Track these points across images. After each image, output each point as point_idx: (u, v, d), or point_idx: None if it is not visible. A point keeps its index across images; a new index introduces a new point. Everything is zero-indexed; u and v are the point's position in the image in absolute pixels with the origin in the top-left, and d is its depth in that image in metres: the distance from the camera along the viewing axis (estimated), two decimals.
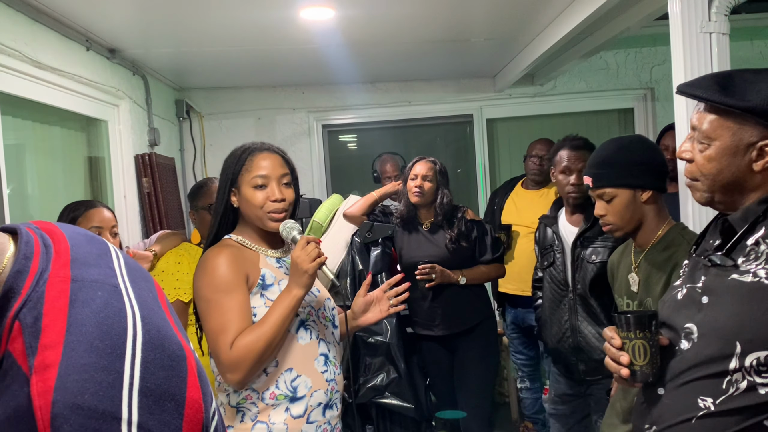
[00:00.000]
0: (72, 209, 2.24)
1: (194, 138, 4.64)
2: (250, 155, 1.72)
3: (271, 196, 1.69)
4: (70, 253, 0.69)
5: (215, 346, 1.57)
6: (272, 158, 1.73)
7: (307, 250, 1.63)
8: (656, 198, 1.92)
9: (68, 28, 2.90)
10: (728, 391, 1.12)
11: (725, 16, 2.05)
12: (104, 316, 0.65)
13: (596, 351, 2.42)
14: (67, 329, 0.63)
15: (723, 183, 1.21)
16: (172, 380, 0.65)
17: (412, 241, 3.04)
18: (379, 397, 2.97)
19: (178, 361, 0.67)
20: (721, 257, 1.19)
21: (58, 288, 0.65)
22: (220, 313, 1.57)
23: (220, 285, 1.59)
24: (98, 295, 0.66)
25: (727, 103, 1.17)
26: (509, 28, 3.54)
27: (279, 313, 1.59)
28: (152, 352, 0.65)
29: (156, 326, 0.68)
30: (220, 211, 1.74)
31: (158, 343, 0.66)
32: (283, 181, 1.73)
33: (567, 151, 2.61)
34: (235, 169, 1.71)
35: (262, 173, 1.70)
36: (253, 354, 1.54)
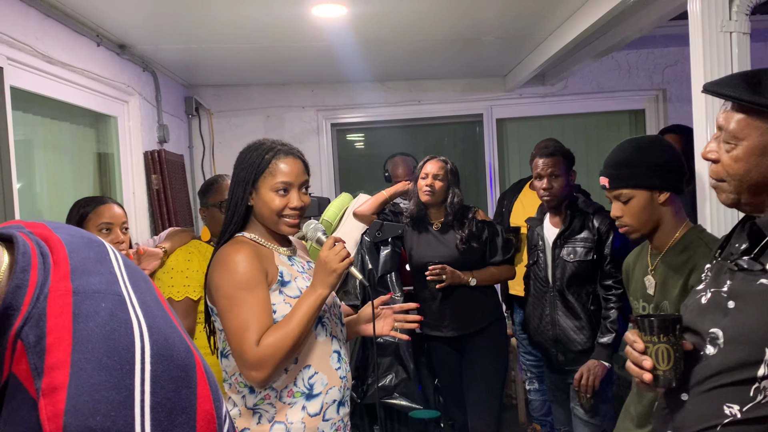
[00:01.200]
0: (82, 205, 2.23)
1: (203, 135, 4.63)
2: (275, 158, 1.69)
3: (291, 203, 1.68)
4: (69, 262, 0.66)
5: (240, 343, 1.54)
6: (296, 164, 1.72)
7: (335, 250, 1.63)
8: (674, 200, 1.89)
9: (79, 23, 2.89)
10: (756, 399, 1.09)
11: (746, 15, 2.02)
12: (110, 329, 0.62)
13: (573, 343, 2.70)
14: (73, 347, 0.60)
15: (750, 184, 1.18)
16: (182, 392, 0.63)
17: (422, 241, 3.01)
18: (388, 397, 2.95)
19: (186, 370, 0.65)
20: (749, 261, 1.16)
21: (60, 302, 0.62)
22: (244, 310, 1.55)
23: (242, 282, 1.57)
24: (102, 306, 0.63)
25: (757, 101, 1.14)
26: (521, 28, 3.51)
27: (305, 311, 1.58)
28: (161, 363, 0.62)
29: (163, 334, 0.66)
30: (241, 209, 1.70)
31: (166, 354, 0.64)
32: (303, 188, 1.73)
33: (538, 159, 2.82)
34: (258, 169, 1.68)
35: (287, 180, 1.68)
36: (281, 352, 1.53)
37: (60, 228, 0.73)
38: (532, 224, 2.96)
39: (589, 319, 2.67)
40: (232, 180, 1.75)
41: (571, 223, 2.73)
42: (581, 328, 2.68)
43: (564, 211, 2.78)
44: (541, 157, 2.80)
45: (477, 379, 2.94)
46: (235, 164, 1.75)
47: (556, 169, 2.75)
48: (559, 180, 2.75)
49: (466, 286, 2.90)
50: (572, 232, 2.73)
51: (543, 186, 2.77)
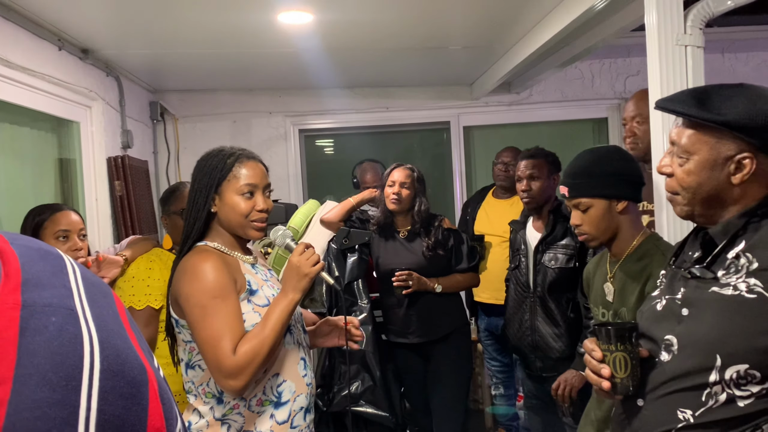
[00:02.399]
0: (38, 213, 2.18)
1: (168, 141, 4.58)
2: (238, 162, 1.68)
3: (257, 206, 1.68)
4: (21, 275, 0.65)
5: (215, 352, 1.52)
6: (259, 167, 1.72)
7: (306, 255, 1.64)
8: (631, 208, 1.93)
9: (40, 27, 2.84)
10: (707, 404, 1.12)
11: (700, 30, 2.07)
12: (58, 344, 0.60)
13: (552, 350, 2.68)
14: (17, 362, 0.58)
15: (703, 196, 1.22)
16: (131, 409, 0.62)
17: (389, 249, 3.02)
18: (354, 405, 2.94)
19: (138, 387, 0.63)
20: (702, 270, 1.20)
21: (7, 316, 0.61)
22: (217, 319, 1.54)
23: (214, 290, 1.56)
24: (52, 321, 0.61)
25: (705, 117, 1.18)
26: (487, 37, 3.56)
27: (278, 316, 1.58)
28: (111, 380, 0.60)
29: (115, 350, 0.64)
30: (201, 215, 1.68)
31: (117, 369, 0.62)
32: (267, 191, 1.73)
33: (519, 161, 2.87)
34: (221, 174, 1.67)
35: (251, 182, 1.68)
36: (258, 358, 1.53)
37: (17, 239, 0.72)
38: (515, 227, 2.96)
39: (568, 327, 2.65)
40: (191, 187, 1.73)
41: (554, 228, 2.73)
42: (560, 335, 2.67)
43: (547, 215, 2.79)
44: (522, 159, 2.83)
45: (442, 384, 2.95)
46: (194, 172, 1.73)
47: (536, 171, 2.76)
48: (538, 182, 2.76)
49: (431, 293, 2.92)
50: (555, 238, 2.72)
51: (522, 188, 2.79)
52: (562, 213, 2.76)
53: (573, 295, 2.68)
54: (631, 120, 2.45)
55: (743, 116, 1.15)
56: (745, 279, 1.12)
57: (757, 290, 1.10)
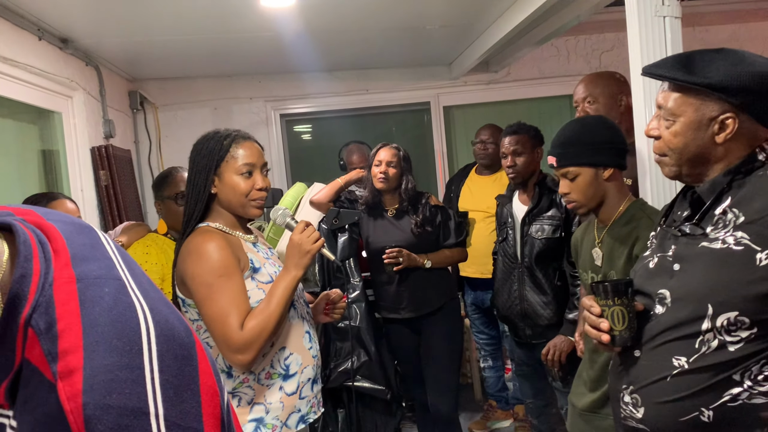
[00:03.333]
0: (33, 201, 2.19)
1: (149, 129, 4.55)
2: (235, 142, 1.72)
3: (256, 184, 1.72)
4: (68, 250, 0.68)
5: (223, 328, 1.57)
6: (255, 147, 1.76)
7: (307, 232, 1.70)
8: (617, 175, 2.00)
9: (19, 16, 2.81)
10: (701, 350, 1.19)
11: (677, 1, 2.14)
12: (116, 313, 0.65)
13: (541, 317, 2.77)
14: (83, 331, 0.63)
15: (689, 156, 1.29)
16: (185, 369, 0.66)
17: (378, 228, 3.07)
18: (351, 380, 3.00)
19: (188, 349, 0.68)
20: (692, 227, 1.26)
21: (66, 290, 0.65)
22: (224, 297, 1.58)
23: (219, 269, 1.60)
24: (105, 291, 0.66)
25: (690, 80, 1.24)
26: (465, 16, 3.59)
27: (282, 292, 1.63)
28: (165, 343, 0.65)
29: (163, 316, 0.69)
30: (202, 197, 1.72)
31: (169, 334, 0.67)
32: (264, 170, 1.77)
33: (503, 138, 2.91)
34: (219, 155, 1.70)
35: (249, 161, 1.71)
36: (265, 333, 1.58)
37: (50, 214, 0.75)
38: (501, 201, 3.02)
39: (556, 294, 2.73)
40: (190, 170, 1.76)
41: (540, 200, 2.80)
42: (548, 303, 2.75)
43: (533, 188, 2.85)
44: (506, 136, 2.88)
45: (434, 357, 3.02)
46: (192, 155, 1.76)
47: (519, 147, 2.82)
48: (522, 158, 2.82)
49: (421, 269, 2.98)
50: (540, 210, 2.79)
51: (507, 164, 2.86)
52: (547, 185, 2.83)
53: (559, 264, 2.76)
54: (583, 101, 2.58)
55: (725, 78, 1.21)
56: (733, 233, 1.19)
57: (744, 242, 1.17)
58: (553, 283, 2.77)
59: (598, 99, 2.48)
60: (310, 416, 1.74)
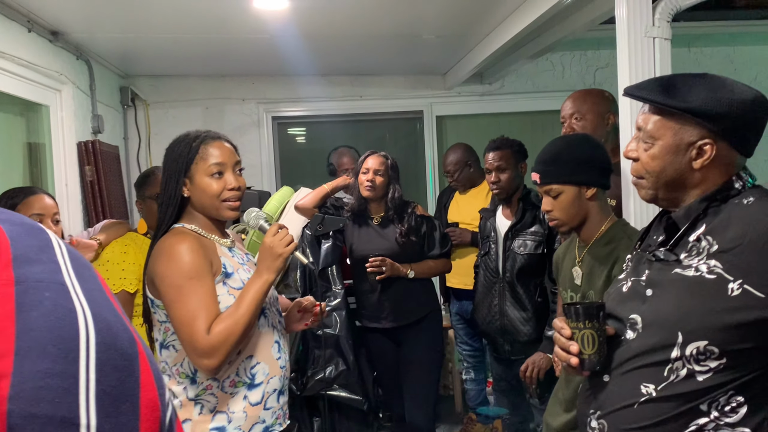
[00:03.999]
0: (11, 196, 2.16)
1: (139, 126, 4.52)
2: (204, 143, 1.69)
3: (228, 184, 1.69)
4: (10, 251, 0.66)
5: (190, 331, 1.54)
6: (225, 146, 1.72)
7: (280, 235, 1.67)
8: (600, 195, 1.99)
9: (9, 7, 2.79)
10: (669, 378, 1.18)
11: (668, 23, 2.14)
12: (54, 318, 0.62)
13: (520, 333, 2.75)
14: (16, 336, 0.59)
15: (666, 180, 1.28)
16: (126, 381, 0.64)
17: (363, 235, 3.05)
18: (328, 389, 2.98)
19: (130, 360, 0.65)
20: (665, 252, 1.25)
21: (3, 292, 0.61)
22: (192, 299, 1.55)
23: (189, 271, 1.57)
24: (46, 296, 0.63)
25: (669, 104, 1.23)
26: (460, 27, 3.59)
27: (252, 296, 1.60)
28: (105, 352, 0.62)
29: (107, 323, 0.66)
30: (174, 201, 1.69)
31: (110, 342, 0.64)
32: (237, 168, 1.74)
33: (487, 153, 2.91)
34: (188, 157, 1.67)
35: (219, 161, 1.68)
36: (233, 338, 1.55)
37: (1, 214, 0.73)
38: (485, 215, 3.02)
39: (536, 311, 2.72)
40: (163, 174, 1.74)
41: (523, 216, 2.79)
42: (528, 319, 2.73)
43: (516, 203, 2.85)
44: (490, 151, 2.88)
45: (413, 369, 3.00)
46: (164, 159, 1.74)
47: (503, 163, 2.82)
48: (506, 173, 2.82)
49: (404, 279, 2.96)
50: (524, 225, 2.78)
51: (491, 179, 2.86)
52: (531, 201, 2.83)
53: (541, 281, 2.75)
54: (570, 117, 2.58)
55: (705, 103, 1.20)
56: (706, 261, 1.18)
57: (716, 271, 1.15)
58: (533, 299, 2.76)
59: (586, 116, 2.48)
60: (275, 428, 1.70)
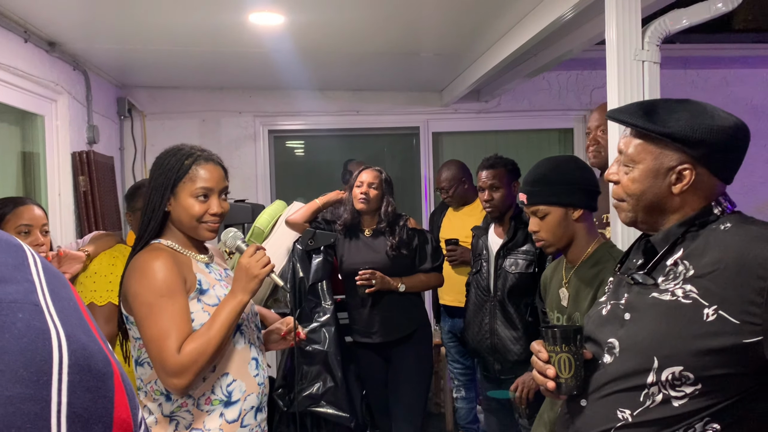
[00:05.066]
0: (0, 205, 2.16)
1: (135, 137, 4.54)
2: (195, 163, 1.67)
3: (211, 209, 1.67)
4: None
5: (160, 350, 1.53)
6: (217, 170, 1.71)
7: (256, 257, 1.65)
8: (587, 216, 1.99)
9: (5, 17, 2.80)
10: (645, 404, 1.17)
11: (657, 46, 2.15)
12: (27, 341, 0.61)
13: (510, 353, 2.72)
14: None
15: (646, 204, 1.28)
16: (98, 402, 0.63)
17: (353, 248, 3.05)
18: (315, 405, 2.96)
19: (104, 380, 0.65)
20: (643, 276, 1.25)
21: None
22: (164, 318, 1.54)
23: (162, 289, 1.55)
24: (19, 317, 0.62)
25: (650, 128, 1.24)
26: (457, 45, 3.61)
27: (225, 317, 1.58)
28: (78, 374, 0.62)
29: (81, 344, 0.66)
30: (157, 215, 1.68)
31: (84, 363, 0.64)
32: (223, 194, 1.73)
33: (481, 171, 2.92)
34: (178, 174, 1.66)
35: (208, 186, 1.67)
36: (203, 358, 1.53)
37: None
38: (477, 233, 3.01)
39: (526, 330, 2.70)
40: (148, 185, 1.72)
41: (515, 234, 2.79)
42: (518, 338, 2.72)
43: (508, 222, 2.85)
44: (483, 169, 2.88)
45: (402, 386, 2.99)
46: (152, 169, 1.72)
47: (496, 181, 2.83)
48: (499, 192, 2.83)
49: (395, 293, 2.95)
50: (516, 244, 2.78)
51: (484, 198, 2.86)
52: (522, 219, 2.81)
53: (532, 300, 2.73)
54: (596, 129, 2.53)
55: (685, 129, 1.20)
56: (682, 285, 1.18)
57: (692, 296, 1.15)
58: (524, 318, 2.74)
59: None
60: None
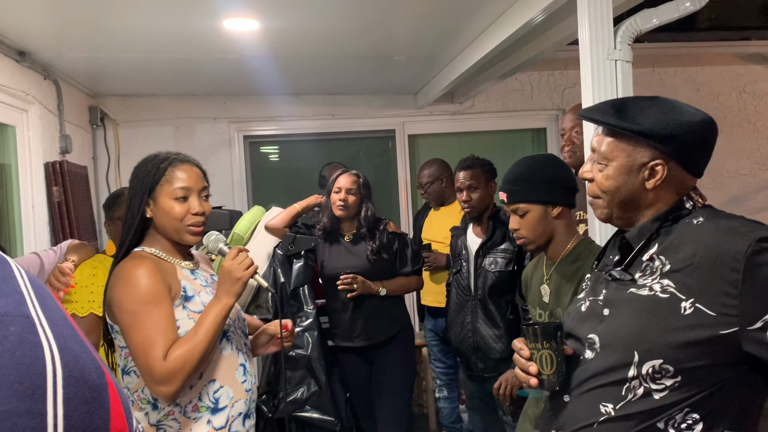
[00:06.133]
0: None
1: (108, 146, 4.48)
2: (171, 165, 1.68)
3: (192, 209, 1.68)
4: None
5: (146, 358, 1.52)
6: (193, 170, 1.71)
7: (239, 259, 1.64)
8: (566, 213, 2.02)
9: None
10: (627, 397, 1.20)
11: (629, 45, 2.20)
12: (20, 354, 0.60)
13: (493, 351, 2.76)
14: None
15: (620, 200, 1.30)
16: (95, 413, 0.63)
17: (334, 253, 3.05)
18: (300, 410, 2.95)
19: (99, 391, 0.65)
20: (620, 272, 1.27)
21: None
22: (149, 325, 1.53)
23: (146, 296, 1.55)
24: (11, 331, 0.61)
25: (621, 126, 1.26)
26: (430, 48, 3.64)
27: (211, 321, 1.57)
28: (74, 386, 0.61)
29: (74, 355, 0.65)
30: (136, 222, 1.68)
31: (78, 375, 0.63)
32: (203, 194, 1.73)
33: (458, 172, 2.95)
34: (154, 178, 1.66)
35: (185, 185, 1.67)
36: (190, 364, 1.52)
37: None
38: (456, 233, 3.04)
39: (508, 328, 2.74)
40: (128, 194, 1.72)
41: (493, 233, 2.83)
42: (500, 336, 2.75)
43: (486, 221, 2.89)
44: (460, 170, 2.92)
45: (385, 388, 3.00)
46: (131, 178, 1.73)
47: (474, 182, 2.86)
48: (477, 192, 2.86)
49: (376, 296, 2.97)
50: (494, 243, 2.82)
51: (462, 198, 2.89)
52: (500, 219, 2.86)
53: (512, 298, 2.77)
54: (570, 130, 2.57)
55: (655, 126, 1.23)
56: (659, 280, 1.20)
57: (669, 290, 1.18)
58: (505, 316, 2.78)
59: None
60: None
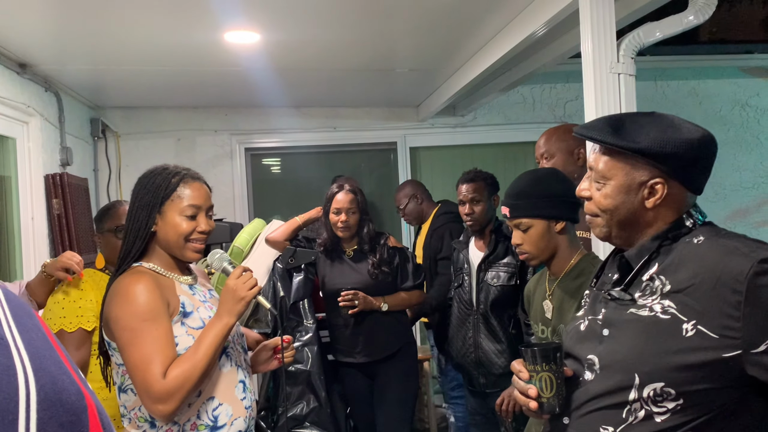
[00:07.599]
0: None
1: (110, 158, 4.47)
2: (183, 182, 1.66)
3: (199, 227, 1.67)
4: None
5: (144, 376, 1.49)
6: (203, 189, 1.71)
7: (243, 278, 1.63)
8: (569, 228, 1.99)
9: None
10: (627, 420, 1.16)
11: (632, 59, 2.18)
12: None
13: (495, 366, 2.71)
14: None
15: (619, 219, 1.27)
16: None
17: (335, 269, 3.02)
18: (299, 426, 2.91)
19: (77, 414, 0.62)
20: (620, 292, 1.24)
21: None
22: (147, 343, 1.51)
23: (145, 313, 1.53)
24: None
25: (619, 144, 1.23)
26: (432, 60, 3.63)
27: (211, 340, 1.55)
28: (49, 410, 0.59)
29: (51, 378, 0.63)
30: (143, 233, 1.65)
31: (55, 399, 0.61)
32: (209, 213, 1.72)
33: (460, 185, 2.93)
34: (165, 193, 1.64)
35: (195, 203, 1.66)
36: (189, 383, 1.50)
37: None
38: (458, 247, 3.01)
39: (510, 342, 2.70)
40: (132, 205, 1.69)
41: (496, 247, 2.79)
42: (502, 351, 2.71)
43: (489, 235, 2.85)
44: (463, 183, 2.89)
45: (387, 404, 2.96)
46: (136, 189, 1.70)
47: (477, 195, 2.84)
48: (480, 205, 2.84)
49: (378, 312, 2.93)
50: (497, 257, 2.78)
51: (465, 211, 2.86)
52: (503, 232, 2.83)
53: (514, 312, 2.73)
54: (541, 157, 2.59)
55: (654, 144, 1.20)
56: (660, 300, 1.17)
57: (670, 311, 1.15)
58: (507, 331, 2.74)
59: (554, 155, 2.50)
60: None
